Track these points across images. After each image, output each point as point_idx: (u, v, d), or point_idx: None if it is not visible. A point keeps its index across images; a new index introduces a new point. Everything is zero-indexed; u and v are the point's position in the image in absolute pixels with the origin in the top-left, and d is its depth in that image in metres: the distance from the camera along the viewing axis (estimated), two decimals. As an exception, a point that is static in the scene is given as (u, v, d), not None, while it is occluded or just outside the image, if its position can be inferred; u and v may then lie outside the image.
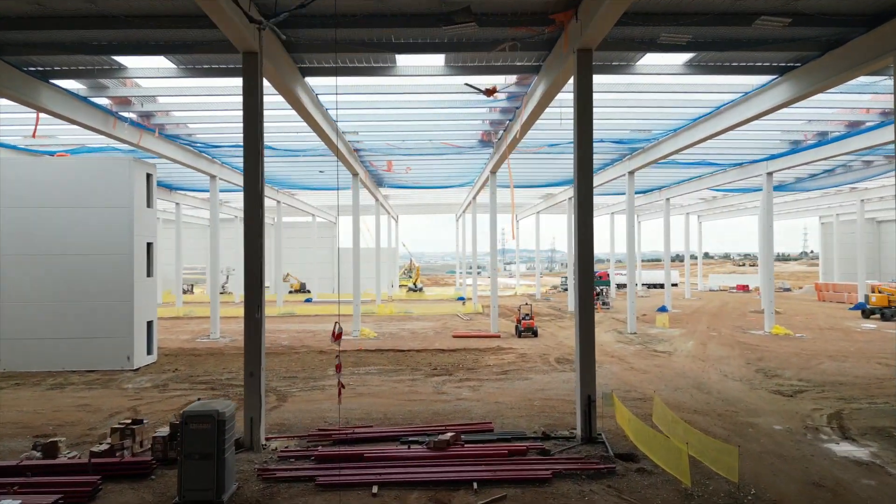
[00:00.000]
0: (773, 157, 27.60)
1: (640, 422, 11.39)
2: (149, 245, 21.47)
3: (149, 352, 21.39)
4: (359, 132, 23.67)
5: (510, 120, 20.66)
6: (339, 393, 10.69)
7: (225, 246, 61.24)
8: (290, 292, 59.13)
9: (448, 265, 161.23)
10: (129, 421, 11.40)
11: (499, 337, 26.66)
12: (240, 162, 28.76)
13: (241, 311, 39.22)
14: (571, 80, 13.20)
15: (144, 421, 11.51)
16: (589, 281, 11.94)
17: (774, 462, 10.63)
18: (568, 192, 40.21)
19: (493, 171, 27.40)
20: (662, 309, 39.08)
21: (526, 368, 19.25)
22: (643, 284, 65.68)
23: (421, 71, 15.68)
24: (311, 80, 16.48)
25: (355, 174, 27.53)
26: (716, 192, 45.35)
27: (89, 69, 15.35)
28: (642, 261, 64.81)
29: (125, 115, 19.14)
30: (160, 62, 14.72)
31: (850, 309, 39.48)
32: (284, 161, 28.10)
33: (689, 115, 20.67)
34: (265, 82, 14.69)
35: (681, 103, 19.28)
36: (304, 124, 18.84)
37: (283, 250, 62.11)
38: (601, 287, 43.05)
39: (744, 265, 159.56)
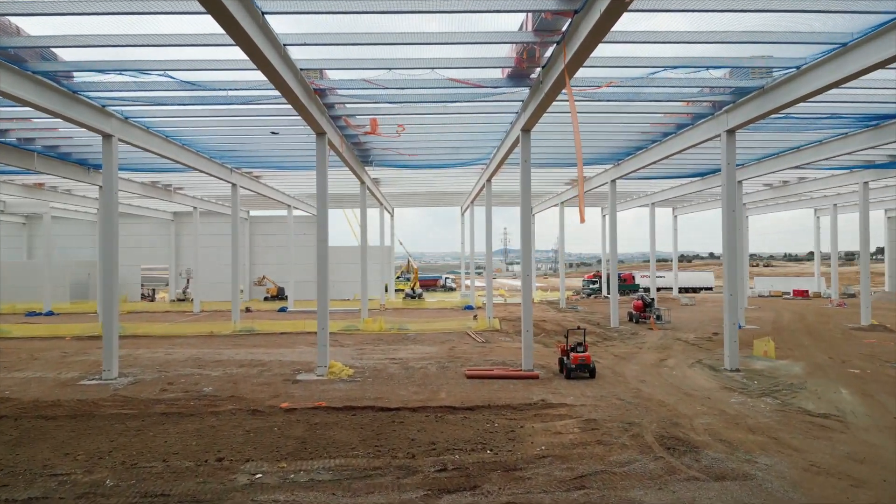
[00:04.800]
0: (941, 107, 18.56)
1: None
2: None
3: (-51, 419, 12.44)
4: (317, 53, 14.69)
5: (569, 25, 11.69)
6: None
7: (185, 245, 52.28)
8: (266, 299, 50.19)
9: (449, 265, 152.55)
10: None
11: (537, 377, 17.57)
12: (152, 118, 19.68)
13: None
14: None
15: None
16: None
17: None
18: (610, 174, 31.06)
19: (527, 129, 18.34)
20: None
21: (613, 466, 10.15)
22: (680, 289, 56.88)
23: None
24: None
25: (321, 133, 18.48)
26: (788, 176, 36.30)
27: None
28: (679, 260, 56.08)
29: None
30: None
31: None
32: (218, 117, 19.00)
33: (856, 26, 11.60)
34: None
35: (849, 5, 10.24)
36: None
37: (257, 248, 53.25)
38: (644, 295, 33.83)
39: (757, 265, 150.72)
